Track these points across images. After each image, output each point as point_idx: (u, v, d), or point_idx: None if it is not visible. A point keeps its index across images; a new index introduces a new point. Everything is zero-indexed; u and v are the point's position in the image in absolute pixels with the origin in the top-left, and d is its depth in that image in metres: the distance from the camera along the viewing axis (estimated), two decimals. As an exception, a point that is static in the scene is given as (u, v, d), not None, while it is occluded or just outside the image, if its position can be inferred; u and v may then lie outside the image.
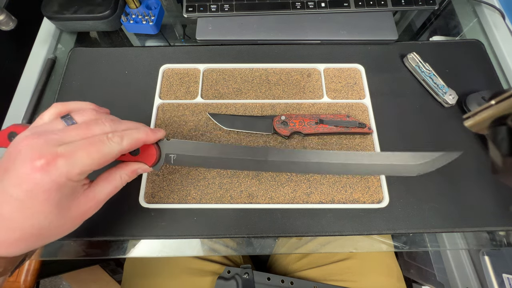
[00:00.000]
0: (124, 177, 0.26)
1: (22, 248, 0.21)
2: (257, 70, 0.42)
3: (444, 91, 0.38)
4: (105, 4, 0.43)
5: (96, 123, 0.23)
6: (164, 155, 0.28)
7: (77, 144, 0.21)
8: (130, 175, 0.26)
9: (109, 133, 0.22)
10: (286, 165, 0.30)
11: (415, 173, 0.30)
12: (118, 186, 0.25)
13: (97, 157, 0.21)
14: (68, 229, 0.23)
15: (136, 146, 0.24)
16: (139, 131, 0.24)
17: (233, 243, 0.36)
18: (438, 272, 0.59)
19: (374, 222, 0.33)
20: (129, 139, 0.23)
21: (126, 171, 0.26)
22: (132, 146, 0.24)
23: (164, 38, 0.47)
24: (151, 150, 0.27)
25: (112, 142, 0.22)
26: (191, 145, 0.29)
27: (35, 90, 0.41)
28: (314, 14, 0.44)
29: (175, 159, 0.28)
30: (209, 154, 0.29)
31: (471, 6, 0.49)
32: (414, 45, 0.43)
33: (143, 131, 0.25)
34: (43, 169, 0.19)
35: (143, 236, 0.33)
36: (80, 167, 0.20)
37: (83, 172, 0.21)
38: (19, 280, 0.38)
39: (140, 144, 0.25)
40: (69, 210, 0.22)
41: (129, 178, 0.26)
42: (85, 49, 0.43)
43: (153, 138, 0.26)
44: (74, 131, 0.22)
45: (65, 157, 0.20)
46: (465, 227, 0.33)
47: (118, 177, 0.25)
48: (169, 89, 0.40)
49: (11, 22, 0.42)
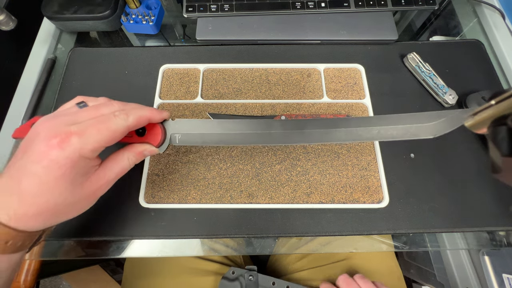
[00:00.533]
0: (131, 159, 0.26)
1: (40, 223, 0.22)
2: (257, 70, 0.42)
3: (444, 91, 0.38)
4: (105, 4, 0.43)
5: (105, 105, 0.25)
6: (170, 135, 0.29)
7: (88, 122, 0.22)
8: (137, 156, 0.27)
9: (116, 111, 0.24)
10: (290, 136, 0.29)
11: (432, 135, 0.27)
12: (126, 167, 0.26)
13: (106, 134, 0.22)
14: (82, 208, 0.25)
15: (141, 122, 0.25)
16: (144, 109, 0.26)
17: (233, 243, 0.36)
18: (438, 272, 0.59)
19: (374, 222, 0.33)
20: (135, 115, 0.24)
21: (133, 153, 0.27)
22: (138, 123, 0.25)
23: (164, 38, 0.47)
24: (157, 130, 0.28)
25: (118, 118, 0.23)
26: (195, 123, 0.29)
27: (35, 90, 0.41)
28: (314, 14, 0.44)
29: (180, 138, 0.29)
30: (213, 131, 0.29)
31: (471, 6, 0.49)
32: (414, 45, 0.43)
33: (148, 109, 0.26)
34: (58, 146, 0.21)
35: (143, 236, 0.33)
36: (92, 143, 0.22)
37: (95, 148, 0.22)
38: (19, 280, 0.38)
39: (145, 121, 0.26)
40: (82, 188, 0.23)
41: (136, 160, 0.27)
42: (85, 49, 0.43)
43: (158, 117, 0.27)
44: (85, 112, 0.24)
45: (78, 135, 0.21)
46: (465, 227, 0.33)
47: (125, 158, 0.26)
48: (169, 89, 0.40)
49: (11, 22, 0.42)
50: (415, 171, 0.35)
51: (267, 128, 0.29)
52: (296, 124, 0.29)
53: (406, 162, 0.36)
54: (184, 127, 0.29)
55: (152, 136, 0.28)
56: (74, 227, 0.33)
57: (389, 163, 0.36)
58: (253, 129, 0.29)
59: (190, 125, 0.29)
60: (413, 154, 0.36)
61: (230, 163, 0.36)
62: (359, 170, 0.35)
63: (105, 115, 0.23)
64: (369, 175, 0.35)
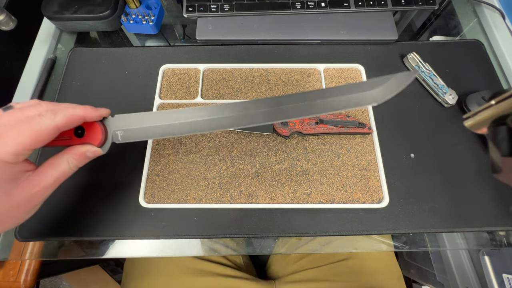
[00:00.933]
0: (72, 161, 0.25)
1: None
2: (257, 70, 0.42)
3: (444, 91, 0.38)
4: (105, 4, 0.43)
5: (32, 106, 0.23)
6: (112, 134, 0.27)
7: (9, 125, 0.21)
8: (78, 159, 0.25)
9: (43, 112, 0.22)
10: (221, 122, 0.27)
11: (375, 102, 0.26)
12: (67, 171, 0.25)
13: (28, 135, 0.21)
14: (15, 217, 0.23)
15: (74, 121, 0.24)
16: (77, 107, 0.24)
17: (233, 243, 0.36)
18: (438, 272, 0.59)
19: (374, 222, 0.33)
20: (64, 114, 0.23)
21: (72, 155, 0.25)
22: (69, 122, 0.23)
23: (164, 38, 0.47)
24: (96, 129, 0.26)
25: (44, 118, 0.22)
26: (136, 117, 0.28)
27: (35, 90, 0.41)
28: (314, 14, 0.44)
29: (122, 135, 0.27)
30: (156, 123, 0.27)
31: (471, 6, 0.49)
32: (414, 45, 0.43)
33: (82, 107, 0.25)
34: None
35: (143, 236, 0.33)
36: (12, 146, 0.20)
37: (16, 152, 0.21)
38: (19, 280, 0.38)
39: (79, 120, 0.24)
40: (10, 196, 0.21)
41: (78, 163, 0.25)
42: (85, 49, 0.43)
43: (95, 115, 0.26)
44: (8, 115, 0.22)
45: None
46: (465, 227, 0.33)
47: (64, 162, 0.24)
48: (169, 89, 0.40)
49: (11, 22, 0.42)
50: (415, 171, 0.35)
51: (211, 114, 0.27)
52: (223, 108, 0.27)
53: (406, 162, 0.36)
54: (125, 123, 0.27)
55: (92, 136, 0.26)
56: (74, 227, 0.33)
57: (389, 163, 0.36)
58: (200, 116, 0.27)
59: (130, 120, 0.27)
60: (413, 154, 0.36)
61: (230, 163, 0.36)
62: (359, 170, 0.35)
63: (30, 116, 0.22)
64: (369, 175, 0.35)
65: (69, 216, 0.33)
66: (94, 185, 0.35)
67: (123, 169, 0.35)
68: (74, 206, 0.34)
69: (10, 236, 0.34)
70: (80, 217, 0.33)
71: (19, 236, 0.33)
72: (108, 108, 0.27)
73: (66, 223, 0.33)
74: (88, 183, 0.35)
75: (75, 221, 0.33)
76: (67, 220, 0.33)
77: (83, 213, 0.34)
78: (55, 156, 0.25)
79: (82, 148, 0.25)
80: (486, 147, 0.36)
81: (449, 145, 0.37)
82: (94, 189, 0.35)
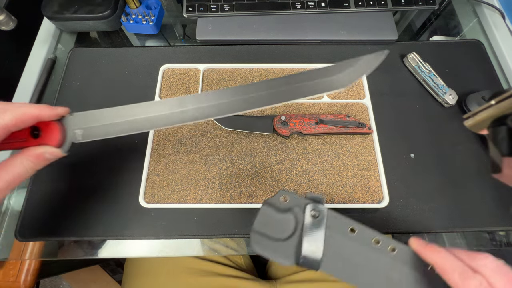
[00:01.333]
0: (27, 164, 0.23)
1: None
2: (257, 70, 0.42)
3: (444, 91, 0.38)
4: (105, 4, 0.43)
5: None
6: (71, 133, 0.26)
7: None
8: (34, 160, 0.24)
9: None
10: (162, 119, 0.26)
11: (344, 86, 0.25)
12: (22, 174, 0.23)
13: None
14: None
15: (25, 121, 0.23)
16: (30, 106, 0.23)
17: (233, 243, 0.36)
18: (438, 272, 0.59)
19: (374, 222, 0.33)
20: (14, 113, 0.22)
21: (27, 157, 0.24)
22: (19, 121, 0.22)
23: (164, 38, 0.47)
24: (53, 129, 0.25)
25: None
26: (95, 114, 0.26)
27: (35, 90, 0.41)
28: (314, 14, 0.44)
29: (81, 134, 0.26)
30: (115, 120, 0.26)
31: (471, 6, 0.49)
32: (414, 45, 0.43)
33: (36, 106, 0.23)
34: None
35: (143, 236, 0.33)
36: None
37: None
38: (19, 280, 0.38)
39: (32, 120, 0.23)
40: None
41: (34, 165, 0.24)
42: (85, 49, 0.43)
43: (51, 113, 0.24)
44: None
45: None
46: (465, 227, 0.33)
47: (18, 164, 0.23)
48: (169, 89, 0.40)
49: (11, 22, 0.42)
50: (415, 171, 0.35)
51: (171, 108, 0.26)
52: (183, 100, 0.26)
53: (406, 162, 0.36)
54: (84, 121, 0.26)
55: (49, 136, 0.25)
56: (74, 227, 0.33)
57: (389, 163, 0.36)
58: (159, 110, 0.26)
59: (89, 117, 0.26)
60: (413, 154, 0.36)
61: (230, 163, 0.36)
62: (359, 170, 0.35)
63: None
64: (369, 175, 0.35)
65: (69, 216, 0.33)
66: (94, 185, 0.35)
67: (123, 169, 0.35)
68: (74, 206, 0.34)
69: (10, 236, 0.34)
70: (80, 217, 0.33)
71: (19, 236, 0.33)
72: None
73: (66, 223, 0.33)
74: (88, 183, 0.35)
75: (75, 221, 0.33)
76: (67, 220, 0.33)
77: (83, 213, 0.34)
78: (9, 158, 0.23)
79: (39, 149, 0.24)
80: (486, 147, 0.36)
81: (449, 145, 0.37)
82: (94, 189, 0.35)
